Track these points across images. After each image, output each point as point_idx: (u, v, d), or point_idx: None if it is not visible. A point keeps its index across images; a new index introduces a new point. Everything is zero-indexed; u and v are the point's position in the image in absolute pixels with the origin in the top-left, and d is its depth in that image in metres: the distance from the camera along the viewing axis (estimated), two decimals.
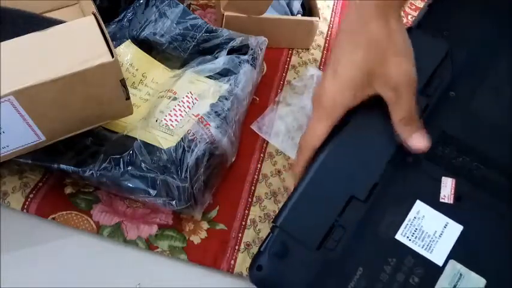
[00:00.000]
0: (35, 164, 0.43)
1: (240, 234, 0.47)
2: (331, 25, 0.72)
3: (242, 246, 0.46)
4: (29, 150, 0.40)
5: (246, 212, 0.49)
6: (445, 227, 0.36)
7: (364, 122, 0.39)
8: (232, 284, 0.45)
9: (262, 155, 0.54)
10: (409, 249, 0.35)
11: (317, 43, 0.69)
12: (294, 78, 0.63)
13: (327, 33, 0.71)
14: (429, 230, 0.36)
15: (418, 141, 0.37)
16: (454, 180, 0.37)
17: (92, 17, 0.38)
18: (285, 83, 0.62)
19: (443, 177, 0.38)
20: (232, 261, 0.45)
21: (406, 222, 0.36)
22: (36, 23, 0.42)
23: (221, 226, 0.47)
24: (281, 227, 0.36)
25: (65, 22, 0.39)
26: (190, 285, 0.44)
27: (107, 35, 0.37)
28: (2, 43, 0.35)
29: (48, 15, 0.52)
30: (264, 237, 0.36)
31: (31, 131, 0.38)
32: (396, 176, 0.38)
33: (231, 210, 0.49)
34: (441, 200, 0.37)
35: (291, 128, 0.57)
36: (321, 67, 0.66)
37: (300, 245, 0.36)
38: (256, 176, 0.52)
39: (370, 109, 0.39)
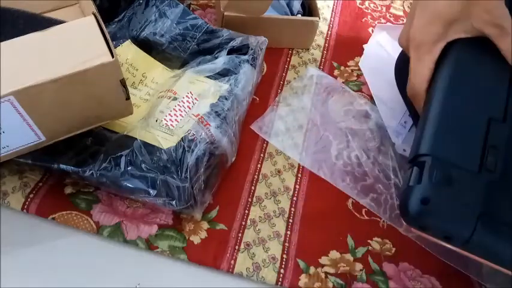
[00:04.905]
0: (35, 164, 0.43)
1: (240, 234, 0.47)
2: (331, 25, 0.72)
3: (242, 246, 0.46)
4: (29, 150, 0.40)
5: (246, 212, 0.49)
6: None
7: (474, 45, 0.37)
8: (232, 284, 0.45)
9: (262, 155, 0.54)
10: None
11: (317, 43, 0.69)
12: (294, 78, 0.63)
13: (327, 33, 0.71)
14: None
15: None
16: None
17: (92, 17, 0.38)
18: (285, 83, 0.62)
19: None
20: (232, 261, 0.45)
21: None
22: (36, 23, 0.42)
23: (221, 226, 0.47)
24: (433, 154, 0.34)
25: (65, 22, 0.39)
26: (190, 285, 0.44)
27: (107, 35, 0.37)
28: (2, 43, 0.35)
29: (48, 15, 0.52)
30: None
31: (31, 131, 0.38)
32: None
33: (231, 210, 0.49)
34: None
35: (291, 128, 0.57)
36: (321, 67, 0.66)
37: (461, 170, 0.33)
38: (256, 176, 0.52)
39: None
